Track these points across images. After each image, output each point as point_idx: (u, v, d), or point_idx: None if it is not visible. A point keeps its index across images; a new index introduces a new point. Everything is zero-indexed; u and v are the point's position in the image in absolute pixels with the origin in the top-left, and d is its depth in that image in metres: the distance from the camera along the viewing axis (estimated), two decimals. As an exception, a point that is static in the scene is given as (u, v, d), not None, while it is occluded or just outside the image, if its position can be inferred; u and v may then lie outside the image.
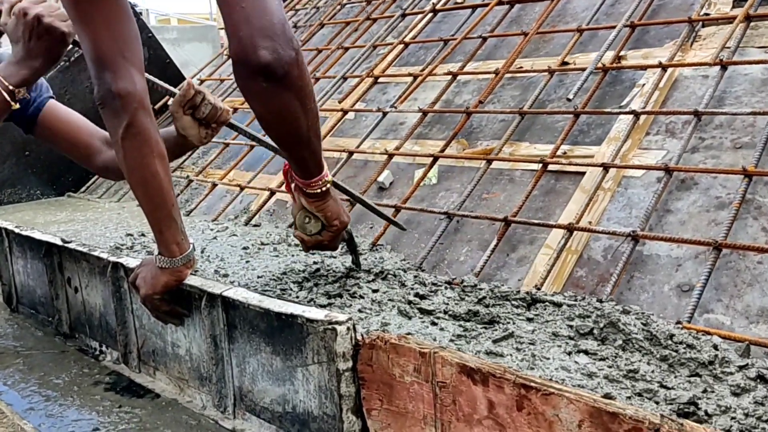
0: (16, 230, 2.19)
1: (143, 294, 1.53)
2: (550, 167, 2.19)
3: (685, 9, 2.58)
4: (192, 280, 1.54)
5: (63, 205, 3.40)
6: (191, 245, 1.53)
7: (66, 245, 1.96)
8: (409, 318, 1.66)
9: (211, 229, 2.66)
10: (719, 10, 2.49)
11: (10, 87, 1.53)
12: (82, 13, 1.36)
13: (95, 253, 1.85)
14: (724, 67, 2.16)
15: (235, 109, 3.07)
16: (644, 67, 2.37)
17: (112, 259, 1.78)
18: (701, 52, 2.34)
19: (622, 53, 2.51)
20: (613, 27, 2.56)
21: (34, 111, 1.83)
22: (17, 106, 1.56)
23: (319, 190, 1.53)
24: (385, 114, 2.89)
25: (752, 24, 2.31)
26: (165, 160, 1.46)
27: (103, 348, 1.91)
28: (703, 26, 2.44)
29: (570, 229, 1.90)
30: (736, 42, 2.23)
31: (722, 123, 2.05)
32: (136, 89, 1.39)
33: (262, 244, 2.32)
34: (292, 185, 1.62)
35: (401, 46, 3.30)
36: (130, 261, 1.73)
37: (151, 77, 1.67)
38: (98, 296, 1.89)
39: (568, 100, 2.31)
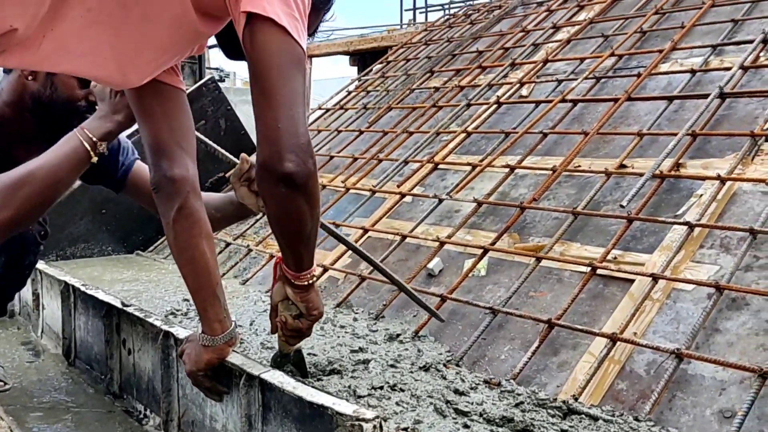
0: (82, 288, 2.33)
1: (188, 369, 1.60)
2: (600, 271, 2.19)
3: (749, 122, 2.58)
4: (234, 358, 1.61)
5: (131, 263, 3.59)
6: (233, 323, 1.61)
7: (125, 308, 2.08)
8: (444, 417, 1.66)
9: (263, 301, 2.74)
10: (785, 126, 2.47)
11: (94, 139, 1.68)
12: (144, 105, 1.52)
13: (150, 320, 1.95)
14: (784, 185, 2.13)
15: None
16: (702, 178, 2.37)
17: (164, 327, 1.87)
18: (762, 167, 2.32)
19: (681, 161, 2.52)
20: (675, 134, 2.57)
21: (123, 173, 2.02)
22: (95, 159, 1.71)
23: (306, 283, 1.57)
24: (440, 201, 2.96)
25: (817, 143, 2.29)
26: (212, 241, 1.56)
27: (147, 412, 1.98)
28: (766, 140, 2.43)
29: (613, 339, 1.88)
30: (798, 160, 2.21)
31: (779, 243, 2.01)
32: (189, 174, 1.53)
33: (309, 321, 2.38)
34: (279, 274, 1.68)
35: (463, 135, 3.39)
36: (180, 331, 1.81)
37: (216, 147, 1.81)
38: (148, 361, 1.98)
39: (622, 207, 2.32)
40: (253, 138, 1.66)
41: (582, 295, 2.16)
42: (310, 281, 1.58)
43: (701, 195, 2.34)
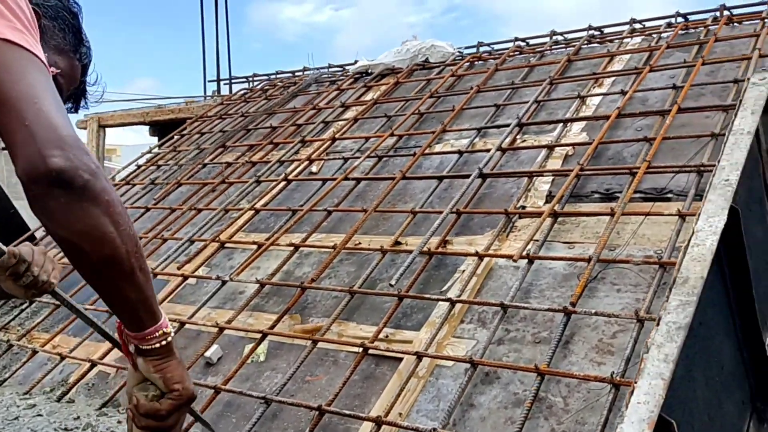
0: None
1: None
2: (372, 351, 2.22)
3: (506, 200, 2.81)
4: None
5: None
6: None
7: None
8: None
9: (18, 405, 2.44)
10: (534, 204, 2.73)
11: None
12: None
13: None
14: (530, 260, 2.33)
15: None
16: (464, 254, 2.52)
17: None
18: (515, 243, 2.52)
19: (448, 238, 2.67)
20: (441, 212, 2.73)
21: None
22: None
23: (157, 345, 1.23)
24: (224, 282, 2.86)
25: (559, 219, 2.54)
26: None
27: None
28: (520, 218, 2.66)
29: (378, 422, 1.89)
30: (543, 236, 2.44)
31: (526, 316, 2.18)
32: None
33: (66, 430, 2.14)
34: (129, 346, 1.31)
35: (252, 212, 3.35)
36: None
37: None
38: None
39: (391, 285, 2.39)
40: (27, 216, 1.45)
41: (355, 377, 2.17)
42: (163, 341, 1.23)
43: (464, 271, 2.49)
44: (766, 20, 3.35)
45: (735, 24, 3.58)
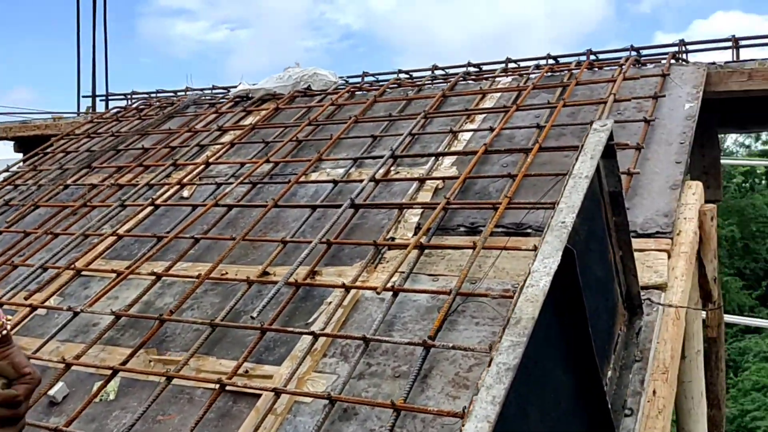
0: None
1: None
2: (230, 387, 2.13)
3: (377, 231, 2.82)
4: None
5: None
6: None
7: None
8: None
9: None
10: (404, 236, 2.75)
11: None
12: None
13: None
14: (395, 293, 2.34)
15: None
16: (330, 286, 2.49)
17: None
18: (383, 275, 2.53)
19: (317, 269, 2.63)
20: (311, 242, 2.69)
21: None
22: None
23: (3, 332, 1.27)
24: (76, 314, 2.67)
25: (426, 252, 2.57)
26: None
27: None
28: (389, 249, 2.67)
29: (228, 464, 1.81)
30: (409, 268, 2.46)
31: (387, 350, 2.17)
32: None
33: None
34: None
35: (113, 238, 3.17)
36: None
37: None
38: None
39: (252, 317, 2.32)
40: None
41: (210, 415, 2.07)
42: (3, 331, 1.26)
43: (330, 302, 2.46)
44: (623, 66, 3.59)
45: (596, 69, 3.83)
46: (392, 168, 3.25)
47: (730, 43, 4.50)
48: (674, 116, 3.01)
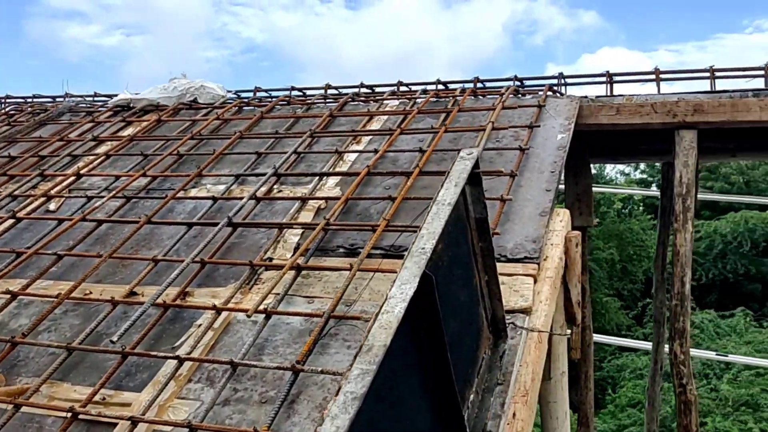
0: None
1: None
2: (83, 416, 1.99)
3: (255, 251, 2.75)
4: None
5: None
6: None
7: None
8: None
9: None
10: (283, 256, 2.70)
11: None
12: None
13: None
14: (268, 315, 2.28)
15: None
16: (201, 308, 2.40)
17: None
18: (257, 296, 2.46)
19: (189, 289, 2.53)
20: (183, 260, 2.59)
21: None
22: None
23: None
24: None
25: (303, 273, 2.53)
26: None
27: None
28: (266, 270, 2.62)
29: (73, 501, 1.68)
30: (284, 290, 2.41)
31: (256, 374, 2.11)
32: None
33: None
34: None
35: (-33, 254, 2.92)
36: None
37: None
38: None
39: (112, 342, 2.19)
40: None
41: (59, 447, 1.92)
42: None
43: (200, 325, 2.37)
44: (503, 96, 3.74)
45: (480, 96, 3.96)
46: (275, 186, 3.20)
47: (604, 79, 4.82)
48: (547, 146, 3.15)
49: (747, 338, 15.60)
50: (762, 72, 4.60)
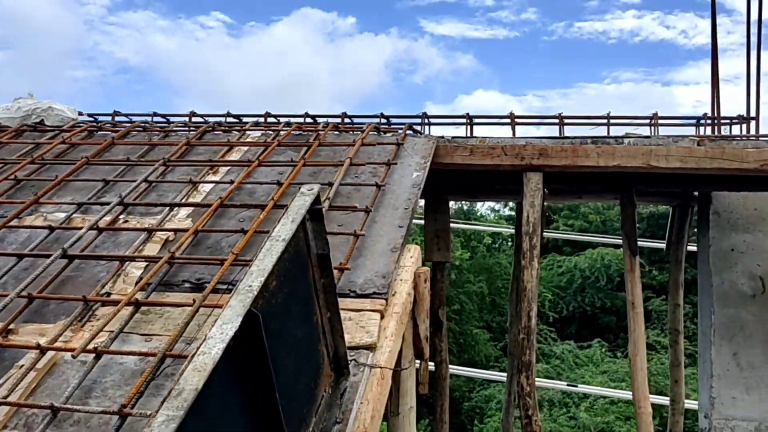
0: None
1: None
2: None
3: (92, 284, 2.58)
4: None
5: None
6: None
7: None
8: None
9: None
10: (123, 291, 2.55)
11: None
12: None
13: None
14: (98, 355, 2.13)
15: None
16: (23, 347, 2.21)
17: None
18: (88, 334, 2.30)
19: (13, 326, 2.32)
20: (8, 295, 2.38)
21: None
22: None
23: None
24: None
25: (143, 309, 2.39)
26: None
27: None
28: (103, 306, 2.45)
29: None
30: (119, 327, 2.26)
31: (80, 419, 1.96)
32: None
33: None
34: None
35: None
36: None
37: None
38: None
39: None
40: None
41: None
42: None
43: (22, 365, 2.17)
44: (365, 132, 3.79)
45: (343, 132, 3.99)
46: (122, 216, 3.03)
47: (464, 120, 5.05)
48: (403, 183, 3.22)
49: (603, 368, 16.64)
50: (605, 120, 5.01)
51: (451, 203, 4.64)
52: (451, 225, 4.65)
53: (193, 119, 4.63)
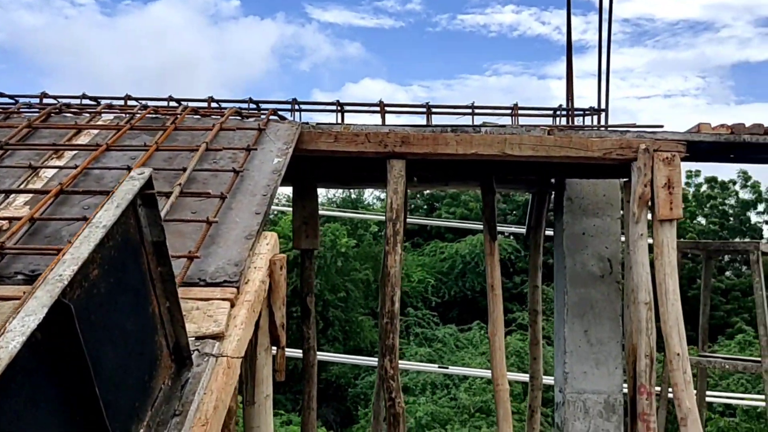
0: None
1: None
2: None
3: None
4: None
5: None
6: None
7: None
8: None
9: None
10: (-55, 284, 2.33)
11: None
12: None
13: None
14: None
15: None
16: None
17: None
18: None
19: None
20: None
21: None
22: None
23: None
24: None
25: (-33, 304, 2.20)
26: None
27: None
28: None
29: None
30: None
31: None
32: None
33: None
34: None
35: None
36: None
37: None
38: None
39: None
40: None
41: None
42: None
43: None
44: (225, 116, 3.68)
45: (203, 116, 3.86)
46: (-50, 205, 2.77)
47: (335, 107, 5.04)
48: (263, 169, 3.16)
49: (482, 349, 17.33)
50: (470, 111, 5.18)
51: (339, 192, 4.62)
52: (338, 213, 4.63)
53: (44, 100, 4.32)
